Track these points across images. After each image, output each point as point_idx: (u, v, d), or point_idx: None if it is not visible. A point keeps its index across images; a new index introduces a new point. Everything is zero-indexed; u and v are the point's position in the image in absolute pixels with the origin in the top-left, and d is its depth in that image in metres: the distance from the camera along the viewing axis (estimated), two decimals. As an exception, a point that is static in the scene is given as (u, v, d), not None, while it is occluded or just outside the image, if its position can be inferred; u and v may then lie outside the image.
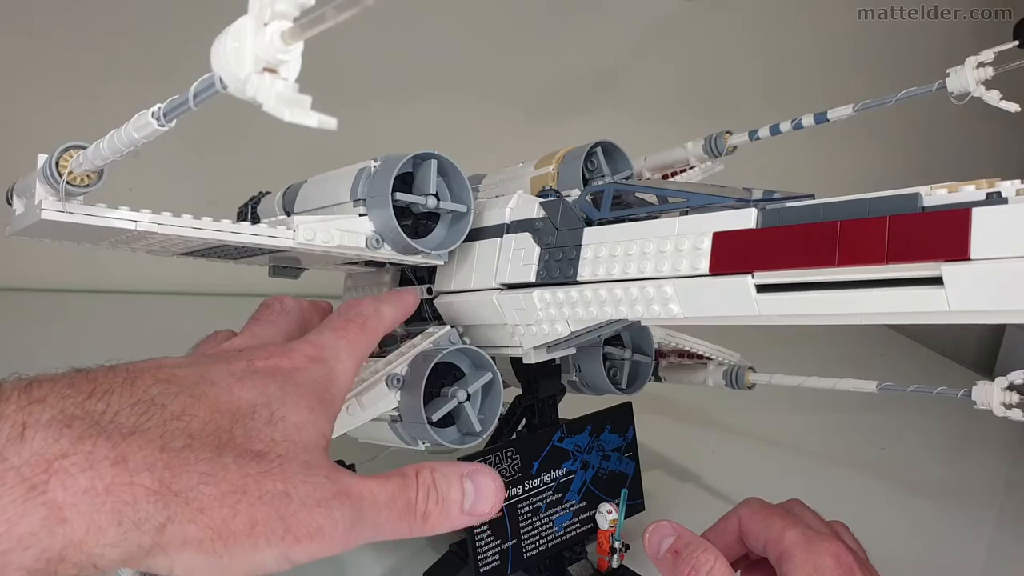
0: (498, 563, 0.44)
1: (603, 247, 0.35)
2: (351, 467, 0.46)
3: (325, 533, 0.24)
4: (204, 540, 0.21)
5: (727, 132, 0.51)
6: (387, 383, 0.37)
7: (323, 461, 0.25)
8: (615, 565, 0.47)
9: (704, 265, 0.31)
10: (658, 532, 0.35)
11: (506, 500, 0.44)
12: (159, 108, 0.24)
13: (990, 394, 0.44)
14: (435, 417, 0.37)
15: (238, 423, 0.24)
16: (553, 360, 0.46)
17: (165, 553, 0.21)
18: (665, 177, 0.56)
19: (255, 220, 0.48)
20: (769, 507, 0.37)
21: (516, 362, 0.47)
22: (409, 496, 0.26)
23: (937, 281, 0.25)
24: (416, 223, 0.40)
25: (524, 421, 0.49)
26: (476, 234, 0.41)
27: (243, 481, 0.22)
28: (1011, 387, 0.44)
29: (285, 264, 0.52)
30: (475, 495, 0.28)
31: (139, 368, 0.24)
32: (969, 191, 0.26)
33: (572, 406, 0.51)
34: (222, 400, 0.24)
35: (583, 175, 0.45)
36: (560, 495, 0.47)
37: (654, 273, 0.33)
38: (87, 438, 0.20)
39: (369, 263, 0.50)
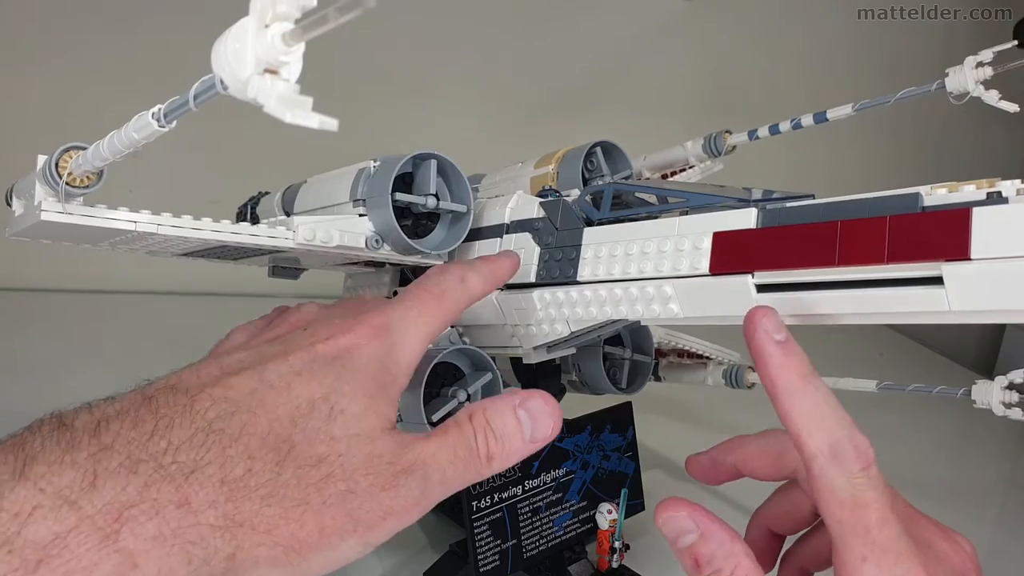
0: (498, 563, 0.44)
1: (603, 247, 0.35)
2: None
3: (396, 511, 0.24)
4: (277, 557, 0.22)
5: (726, 131, 0.51)
6: (387, 383, 0.37)
7: (386, 446, 0.25)
8: (615, 565, 0.47)
9: (704, 265, 0.31)
10: (675, 522, 0.29)
11: (506, 500, 0.44)
12: (159, 109, 0.24)
13: (990, 393, 0.44)
14: (435, 417, 0.37)
15: (297, 426, 0.24)
16: (553, 360, 0.46)
17: (239, 574, 0.22)
18: (665, 177, 0.56)
19: (255, 220, 0.48)
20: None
21: (516, 362, 0.47)
22: (469, 444, 0.26)
23: (937, 281, 0.25)
24: (416, 223, 0.40)
25: (524, 421, 0.48)
26: (476, 234, 0.41)
27: (305, 493, 0.23)
28: (1011, 386, 0.44)
29: (285, 264, 0.52)
30: (532, 423, 0.28)
31: (198, 385, 0.24)
32: (969, 191, 0.26)
33: (572, 406, 0.51)
34: (280, 404, 0.24)
35: (583, 175, 0.45)
36: (560, 495, 0.47)
37: (654, 273, 0.33)
38: (152, 484, 0.21)
39: (369, 263, 0.50)
